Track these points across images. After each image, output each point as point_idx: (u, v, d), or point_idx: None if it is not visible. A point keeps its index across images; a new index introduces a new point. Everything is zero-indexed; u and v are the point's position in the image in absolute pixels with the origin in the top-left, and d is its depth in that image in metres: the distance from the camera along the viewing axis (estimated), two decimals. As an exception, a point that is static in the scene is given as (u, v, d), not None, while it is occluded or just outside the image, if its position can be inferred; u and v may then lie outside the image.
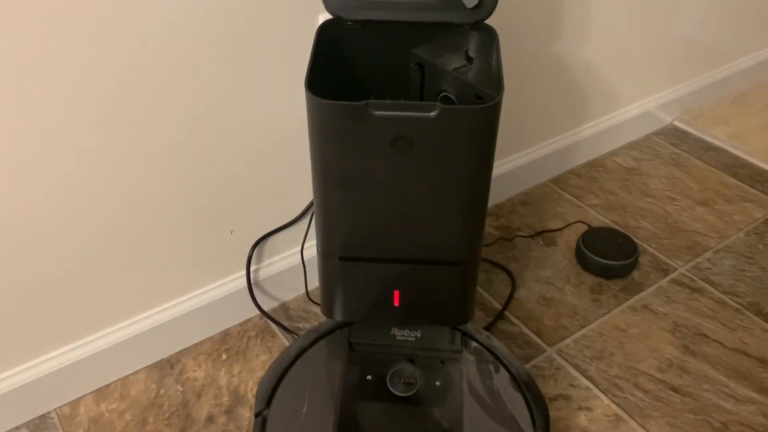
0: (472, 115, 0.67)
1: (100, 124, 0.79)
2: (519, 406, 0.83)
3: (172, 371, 1.01)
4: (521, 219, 1.29)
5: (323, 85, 0.69)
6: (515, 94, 1.18)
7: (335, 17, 0.75)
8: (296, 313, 1.10)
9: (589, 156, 1.44)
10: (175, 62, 0.79)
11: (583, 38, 1.22)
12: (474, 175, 0.72)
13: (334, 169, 0.72)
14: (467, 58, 0.78)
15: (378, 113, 0.66)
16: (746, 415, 0.95)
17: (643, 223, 1.28)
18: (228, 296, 1.03)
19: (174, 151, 0.86)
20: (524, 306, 1.11)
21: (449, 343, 0.88)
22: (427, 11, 0.73)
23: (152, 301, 0.98)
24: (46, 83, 0.72)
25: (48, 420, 0.94)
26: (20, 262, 0.83)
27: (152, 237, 0.91)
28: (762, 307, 1.11)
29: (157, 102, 0.81)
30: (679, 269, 1.18)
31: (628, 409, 0.96)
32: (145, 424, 0.94)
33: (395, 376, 0.85)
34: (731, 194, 1.35)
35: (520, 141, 1.29)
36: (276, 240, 1.04)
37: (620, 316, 1.09)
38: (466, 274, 0.83)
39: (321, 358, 0.88)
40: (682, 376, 1.00)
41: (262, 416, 0.82)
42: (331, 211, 0.76)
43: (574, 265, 1.19)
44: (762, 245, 1.23)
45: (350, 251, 0.80)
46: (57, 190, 0.80)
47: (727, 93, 1.67)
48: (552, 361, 1.02)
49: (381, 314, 0.86)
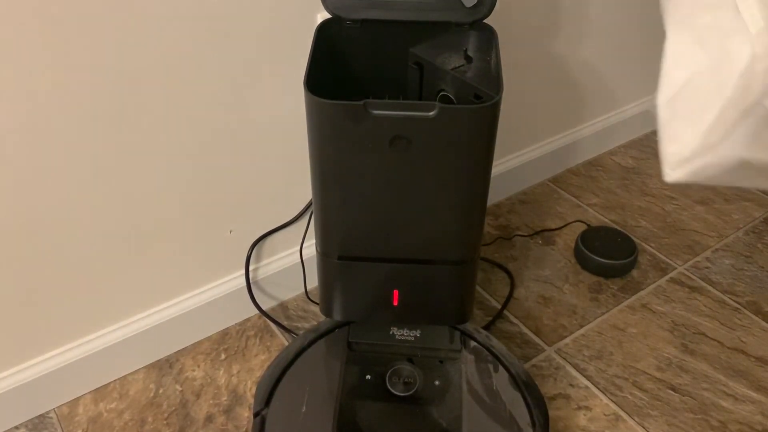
0: (472, 115, 0.67)
1: (99, 123, 0.78)
2: (518, 405, 0.83)
3: (171, 371, 1.01)
4: (520, 218, 1.29)
5: (322, 85, 0.68)
6: (514, 93, 1.18)
7: (334, 16, 0.75)
8: (295, 312, 1.10)
9: (588, 155, 1.44)
10: (173, 61, 0.79)
11: (582, 37, 1.22)
12: (473, 174, 0.72)
13: (333, 169, 0.72)
14: (466, 58, 0.78)
15: (377, 113, 0.66)
16: (745, 414, 0.95)
17: (642, 222, 1.28)
18: (227, 296, 1.03)
19: (172, 150, 0.86)
20: (523, 305, 1.11)
21: (448, 343, 0.88)
22: (426, 10, 0.73)
23: (151, 301, 0.98)
24: (46, 83, 0.72)
25: (47, 419, 0.94)
26: (19, 261, 0.82)
27: (151, 236, 0.91)
28: (761, 306, 1.11)
29: (156, 102, 0.81)
30: (678, 268, 1.18)
31: (627, 408, 0.96)
32: (143, 424, 0.94)
33: (394, 375, 0.85)
34: (730, 193, 1.35)
35: (519, 140, 1.29)
36: (275, 239, 1.04)
37: (619, 316, 1.09)
38: (465, 274, 0.83)
39: (320, 358, 0.88)
40: (681, 375, 1.00)
41: (261, 416, 0.82)
42: (330, 210, 0.76)
43: (573, 264, 1.19)
44: (761, 244, 1.23)
45: (349, 250, 0.80)
46: (56, 189, 0.80)
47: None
48: (551, 361, 1.02)
49: (380, 314, 0.86)
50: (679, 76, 0.47)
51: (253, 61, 0.85)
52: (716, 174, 0.47)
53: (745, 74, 0.41)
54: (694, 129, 0.45)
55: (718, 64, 0.43)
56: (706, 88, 0.43)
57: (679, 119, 0.47)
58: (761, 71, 0.40)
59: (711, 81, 0.43)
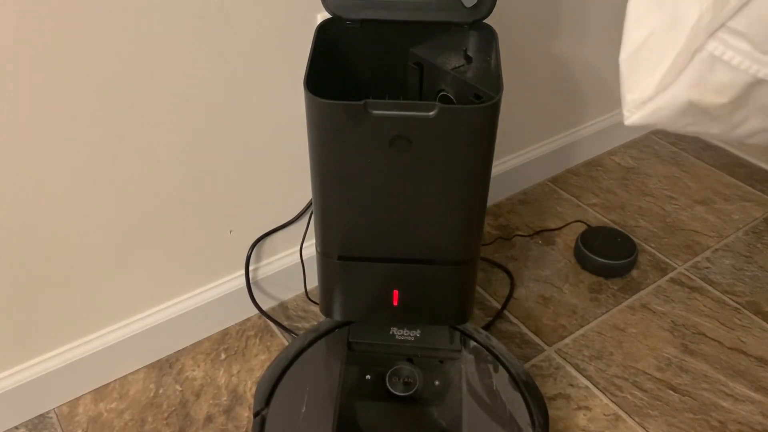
0: (471, 115, 0.67)
1: (99, 123, 0.78)
2: (518, 405, 0.82)
3: (171, 371, 1.01)
4: (520, 218, 1.29)
5: (322, 85, 0.68)
6: (514, 93, 1.18)
7: (334, 16, 0.75)
8: (295, 312, 1.10)
9: (588, 155, 1.44)
10: (173, 61, 0.79)
11: (582, 37, 1.22)
12: (473, 174, 0.72)
13: (333, 169, 0.72)
14: (466, 58, 0.78)
15: (377, 113, 0.66)
16: (745, 414, 0.95)
17: (642, 222, 1.28)
18: (227, 296, 1.03)
19: (172, 150, 0.86)
20: (523, 305, 1.11)
21: (448, 343, 0.88)
22: (425, 10, 0.73)
23: (151, 301, 0.98)
24: (46, 83, 0.72)
25: (47, 419, 0.94)
26: (19, 261, 0.82)
27: (151, 236, 0.91)
28: (760, 306, 1.11)
29: (156, 102, 0.81)
30: (677, 268, 1.18)
31: (626, 408, 0.96)
32: (143, 424, 0.94)
33: (394, 375, 0.85)
34: (730, 193, 1.35)
35: (519, 140, 1.29)
36: (275, 239, 1.04)
37: (619, 316, 1.09)
38: (465, 274, 0.83)
39: (320, 358, 0.88)
40: (680, 375, 1.00)
41: (261, 416, 0.82)
42: (330, 210, 0.76)
43: (573, 264, 1.19)
44: (761, 244, 1.23)
45: (349, 250, 0.80)
46: (56, 189, 0.80)
47: (725, 92, 1.66)
48: (551, 361, 1.02)
49: (380, 314, 0.86)
50: (638, 34, 0.53)
51: (253, 61, 0.85)
52: (669, 116, 0.53)
53: (694, 27, 0.48)
54: (650, 78, 0.52)
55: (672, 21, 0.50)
56: (661, 43, 0.50)
57: (638, 71, 0.54)
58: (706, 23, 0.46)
59: (666, 37, 0.49)
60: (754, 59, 0.46)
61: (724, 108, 0.51)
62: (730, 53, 0.47)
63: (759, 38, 0.45)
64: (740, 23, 0.45)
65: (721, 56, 0.47)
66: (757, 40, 0.45)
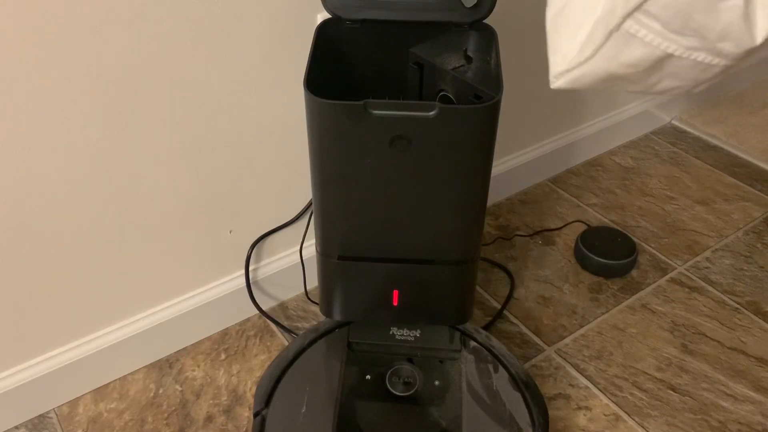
0: (471, 115, 0.67)
1: (99, 123, 0.78)
2: (518, 405, 0.82)
3: (171, 371, 1.01)
4: (520, 218, 1.29)
5: (322, 85, 0.68)
6: (514, 93, 1.18)
7: (334, 16, 0.75)
8: (295, 312, 1.10)
9: (587, 155, 1.44)
10: (172, 61, 0.79)
11: (582, 37, 1.22)
12: (473, 174, 0.72)
13: (333, 169, 0.72)
14: (466, 58, 0.78)
15: (377, 113, 0.66)
16: (744, 414, 0.95)
17: (642, 222, 1.28)
18: (227, 296, 1.03)
19: (172, 150, 0.86)
20: (523, 305, 1.11)
21: (448, 343, 0.88)
22: (425, 10, 0.73)
23: (151, 301, 0.98)
24: (46, 83, 0.72)
25: (47, 419, 0.94)
26: (19, 261, 0.82)
27: (151, 236, 0.91)
28: (760, 306, 1.11)
29: (156, 102, 0.81)
30: (677, 268, 1.18)
31: (626, 408, 0.96)
32: (143, 424, 0.94)
33: (394, 375, 0.85)
34: (730, 193, 1.35)
35: (519, 140, 1.29)
36: (275, 239, 1.04)
37: (619, 316, 1.09)
38: (465, 274, 0.83)
39: (320, 358, 0.88)
40: (680, 376, 1.00)
41: (261, 416, 0.82)
42: (330, 210, 0.76)
43: (573, 264, 1.19)
44: (760, 244, 1.23)
45: (349, 250, 0.80)
46: (56, 189, 0.80)
47: (725, 92, 1.67)
48: (551, 361, 1.02)
49: (380, 314, 0.86)
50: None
51: (253, 61, 0.85)
52: (591, 82, 0.59)
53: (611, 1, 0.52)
54: (570, 42, 0.57)
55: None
56: (580, 8, 0.55)
57: (559, 33, 0.59)
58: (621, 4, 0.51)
59: (585, 3, 0.54)
60: (664, 37, 0.52)
61: (640, 75, 0.57)
62: (644, 31, 0.52)
63: (668, 19, 0.51)
64: (653, 6, 0.50)
65: (636, 34, 0.52)
66: (667, 20, 0.51)
